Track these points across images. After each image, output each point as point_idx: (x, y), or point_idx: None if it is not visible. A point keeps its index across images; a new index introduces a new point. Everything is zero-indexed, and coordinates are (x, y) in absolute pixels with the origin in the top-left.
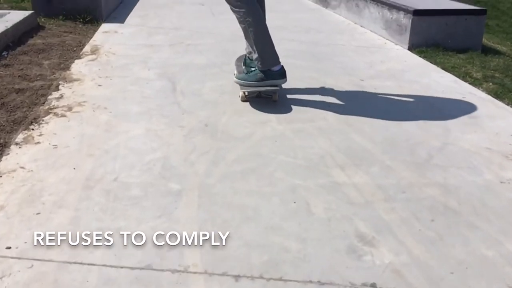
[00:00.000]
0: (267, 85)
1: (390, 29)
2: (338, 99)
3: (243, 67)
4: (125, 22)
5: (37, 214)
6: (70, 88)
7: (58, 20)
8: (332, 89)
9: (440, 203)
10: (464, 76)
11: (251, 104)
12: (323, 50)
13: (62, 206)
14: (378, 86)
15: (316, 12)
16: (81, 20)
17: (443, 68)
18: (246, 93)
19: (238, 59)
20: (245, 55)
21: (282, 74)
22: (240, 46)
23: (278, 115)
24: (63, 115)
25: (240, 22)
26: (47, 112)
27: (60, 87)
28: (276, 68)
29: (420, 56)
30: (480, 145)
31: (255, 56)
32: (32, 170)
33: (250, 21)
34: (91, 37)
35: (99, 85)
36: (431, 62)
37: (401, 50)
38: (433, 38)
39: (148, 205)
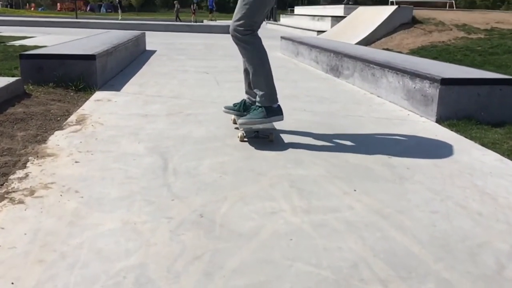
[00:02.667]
0: (271, 121)
1: (413, 99)
2: (365, 181)
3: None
4: (121, 90)
5: None
6: (39, 166)
7: (48, 87)
8: (356, 168)
9: None
10: (509, 154)
11: (258, 187)
12: (340, 122)
13: None
14: (410, 165)
15: (328, 82)
16: (73, 87)
17: (482, 144)
18: (244, 134)
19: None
20: (244, 100)
21: (281, 110)
22: None
23: (293, 202)
24: (20, 202)
25: (248, 61)
26: (2, 198)
27: (28, 164)
28: (275, 105)
29: (451, 130)
30: None
31: (260, 93)
32: None
33: (259, 59)
34: (81, 106)
35: (76, 162)
36: (465, 137)
37: (428, 123)
38: (464, 109)
39: None
